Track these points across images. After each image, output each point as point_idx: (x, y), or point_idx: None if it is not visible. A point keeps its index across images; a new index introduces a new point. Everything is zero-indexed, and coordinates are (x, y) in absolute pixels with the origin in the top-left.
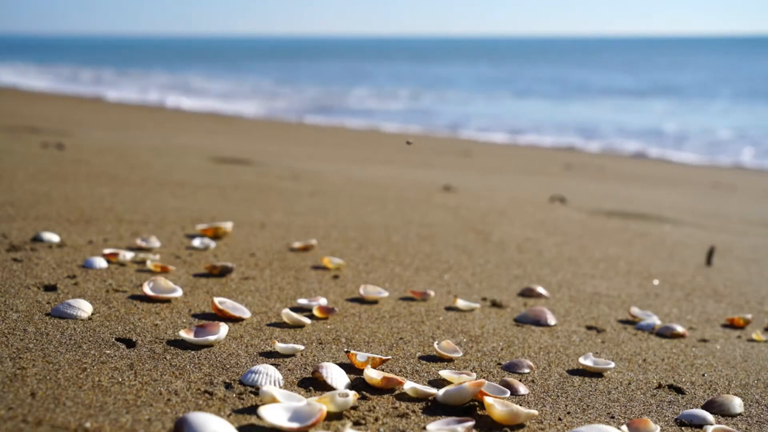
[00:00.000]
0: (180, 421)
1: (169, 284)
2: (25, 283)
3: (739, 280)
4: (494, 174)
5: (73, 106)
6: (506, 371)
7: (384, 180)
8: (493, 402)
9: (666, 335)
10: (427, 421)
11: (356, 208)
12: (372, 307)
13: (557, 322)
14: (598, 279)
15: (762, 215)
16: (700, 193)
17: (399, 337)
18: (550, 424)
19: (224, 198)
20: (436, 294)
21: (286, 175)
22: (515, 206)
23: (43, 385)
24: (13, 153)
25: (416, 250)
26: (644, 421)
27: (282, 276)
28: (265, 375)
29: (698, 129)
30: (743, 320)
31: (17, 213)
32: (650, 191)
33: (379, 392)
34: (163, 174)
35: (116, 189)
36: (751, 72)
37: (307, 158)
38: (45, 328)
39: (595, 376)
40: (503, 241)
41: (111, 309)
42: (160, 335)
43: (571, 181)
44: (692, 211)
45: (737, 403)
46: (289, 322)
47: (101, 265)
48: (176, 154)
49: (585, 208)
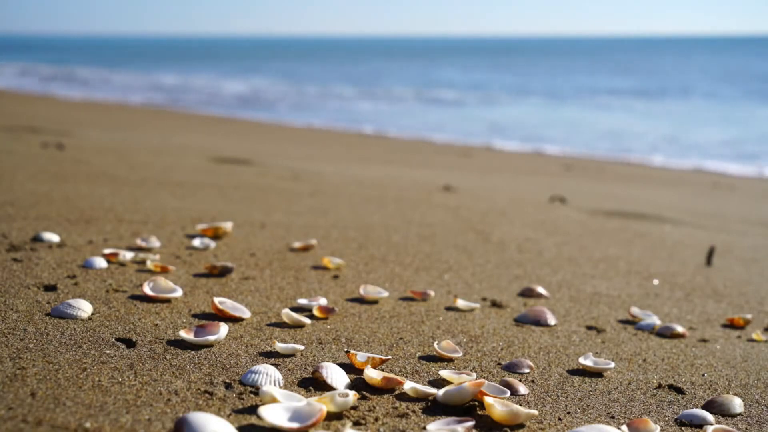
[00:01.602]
0: (180, 421)
1: (169, 284)
2: (25, 283)
3: (739, 280)
4: (494, 174)
5: (73, 106)
6: (506, 371)
7: (384, 180)
8: (493, 402)
9: (666, 335)
10: (427, 421)
11: (356, 208)
12: (372, 307)
13: (557, 322)
14: (598, 279)
15: (762, 215)
16: (700, 193)
17: (399, 337)
18: (550, 424)
19: (224, 198)
20: (436, 294)
21: (286, 175)
22: (515, 206)
23: (43, 385)
24: (13, 153)
25: (416, 250)
26: (644, 421)
27: (282, 276)
28: (265, 375)
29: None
30: (743, 320)
31: (17, 213)
32: (650, 191)
33: (379, 392)
34: (163, 174)
35: (116, 189)
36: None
37: (307, 158)
38: (45, 328)
39: (595, 376)
40: (503, 241)
41: (111, 309)
42: (160, 335)
43: (571, 182)
44: (692, 211)
45: (737, 403)
46: (289, 322)
47: (101, 265)
48: (176, 154)
49: (585, 208)
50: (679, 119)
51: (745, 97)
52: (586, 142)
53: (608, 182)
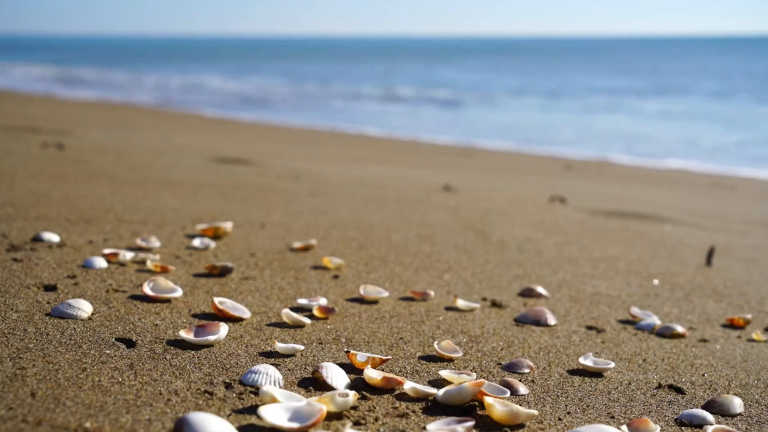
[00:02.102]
0: (180, 421)
1: (169, 284)
2: (25, 283)
3: (739, 280)
4: (494, 174)
5: (73, 106)
6: (506, 371)
7: (384, 180)
8: (493, 402)
9: (666, 335)
10: (427, 421)
11: (356, 208)
12: (372, 307)
13: (557, 322)
14: (598, 279)
15: (762, 215)
16: (700, 193)
17: (399, 337)
18: (550, 424)
19: (224, 198)
20: (436, 294)
21: (286, 175)
22: (515, 206)
23: (43, 385)
24: (13, 153)
25: (416, 250)
26: (644, 421)
27: (282, 276)
28: (265, 375)
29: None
30: (743, 320)
31: (17, 213)
32: (650, 191)
33: (379, 392)
34: (163, 174)
35: (116, 189)
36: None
37: (307, 158)
38: (45, 328)
39: (595, 376)
40: (503, 241)
41: (111, 309)
42: (160, 335)
43: (571, 182)
44: (692, 211)
45: (737, 403)
46: (289, 322)
47: (101, 265)
48: (176, 154)
49: (585, 208)
50: (679, 119)
51: (744, 97)
52: (586, 141)
53: (608, 182)
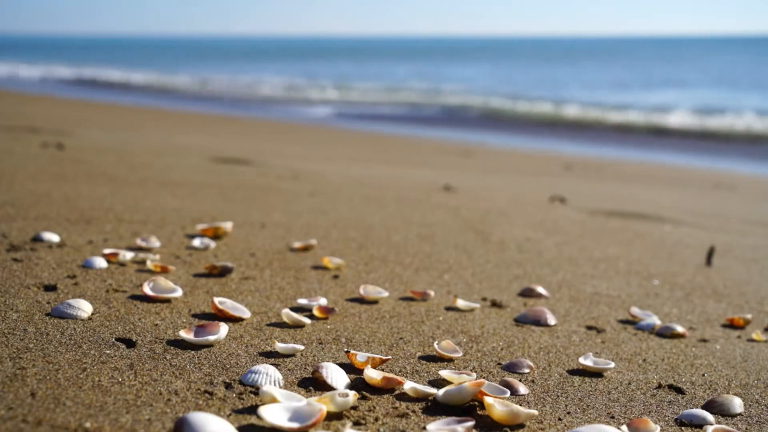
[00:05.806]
0: (180, 421)
1: (169, 284)
2: (25, 283)
3: (739, 280)
4: (494, 174)
5: (73, 106)
6: (506, 371)
7: (384, 180)
8: (493, 402)
9: (666, 335)
10: (427, 421)
11: (356, 208)
12: (372, 307)
13: (557, 322)
14: (598, 279)
15: (762, 215)
16: (700, 193)
17: (399, 337)
18: (550, 424)
19: (224, 198)
20: (436, 294)
21: (286, 175)
22: (515, 206)
23: (43, 385)
24: (13, 153)
25: (416, 250)
26: (644, 421)
27: (282, 276)
28: (265, 375)
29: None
30: (743, 320)
31: (17, 213)
32: (650, 191)
33: (379, 392)
34: (163, 174)
35: (116, 189)
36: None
37: (307, 158)
38: (45, 328)
39: (595, 376)
40: (503, 241)
41: (111, 309)
42: (160, 335)
43: (571, 181)
44: (692, 211)
45: (737, 403)
46: (289, 322)
47: (101, 265)
48: (176, 154)
49: (585, 208)
50: (679, 119)
51: (744, 97)
52: (586, 141)
53: (608, 182)
